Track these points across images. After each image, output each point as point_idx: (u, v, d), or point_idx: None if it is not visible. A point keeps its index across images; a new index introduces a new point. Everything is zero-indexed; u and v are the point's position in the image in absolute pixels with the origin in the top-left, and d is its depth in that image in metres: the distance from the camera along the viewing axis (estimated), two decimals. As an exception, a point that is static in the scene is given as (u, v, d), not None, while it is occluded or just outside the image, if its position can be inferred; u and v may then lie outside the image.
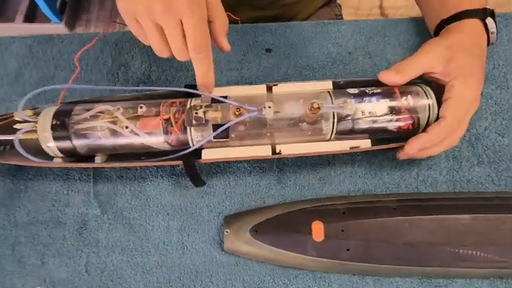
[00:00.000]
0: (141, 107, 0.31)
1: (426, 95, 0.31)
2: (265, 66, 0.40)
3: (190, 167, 0.32)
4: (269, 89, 0.34)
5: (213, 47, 0.30)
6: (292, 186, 0.35)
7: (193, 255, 0.32)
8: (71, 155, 0.33)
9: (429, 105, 0.31)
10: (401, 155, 0.32)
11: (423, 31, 0.41)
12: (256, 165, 0.36)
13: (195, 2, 0.25)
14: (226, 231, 0.31)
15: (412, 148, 0.31)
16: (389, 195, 0.33)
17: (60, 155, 0.32)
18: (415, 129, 0.32)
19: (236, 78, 0.40)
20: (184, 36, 0.27)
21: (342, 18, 0.57)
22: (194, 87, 0.32)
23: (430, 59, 0.32)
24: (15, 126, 0.31)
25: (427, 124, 0.32)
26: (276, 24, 0.42)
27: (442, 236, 0.29)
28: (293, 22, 0.43)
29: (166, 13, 0.25)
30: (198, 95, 0.32)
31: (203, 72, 0.30)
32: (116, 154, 0.33)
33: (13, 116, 0.32)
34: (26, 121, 0.31)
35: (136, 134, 0.31)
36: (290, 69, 0.40)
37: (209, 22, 0.29)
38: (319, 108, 0.30)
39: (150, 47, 0.29)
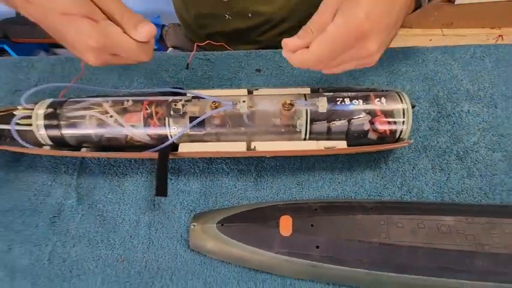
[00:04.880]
0: (127, 101, 0.34)
1: (402, 99, 0.32)
2: (254, 83, 0.43)
3: (163, 161, 0.32)
4: (250, 92, 0.36)
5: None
6: (269, 189, 0.34)
7: (158, 251, 0.31)
8: (60, 144, 0.35)
9: (405, 109, 0.31)
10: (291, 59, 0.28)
11: (402, 59, 0.44)
12: (235, 167, 0.36)
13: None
14: (193, 225, 0.30)
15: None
16: (368, 200, 0.31)
17: (50, 143, 0.34)
18: (393, 134, 0.32)
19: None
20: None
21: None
22: (179, 89, 0.35)
23: None
24: (14, 113, 0.34)
25: (403, 132, 0.32)
26: (266, 50, 0.47)
27: (419, 235, 0.26)
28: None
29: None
30: (183, 93, 0.34)
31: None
32: (102, 146, 0.35)
33: (15, 109, 0.35)
34: (24, 109, 0.34)
35: (121, 125, 0.33)
36: (277, 86, 0.43)
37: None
38: (292, 105, 0.31)
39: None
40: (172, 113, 0.32)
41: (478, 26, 1.12)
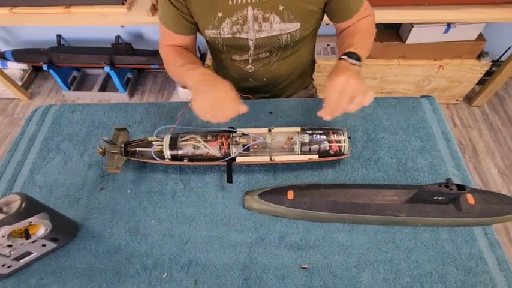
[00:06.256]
0: (208, 136, 0.67)
1: (343, 134, 0.66)
2: (269, 120, 0.77)
3: (229, 166, 0.65)
4: (269, 130, 0.69)
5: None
6: (281, 179, 0.68)
7: (229, 210, 0.64)
8: (173, 158, 0.67)
9: (345, 139, 0.65)
10: (324, 115, 0.61)
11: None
12: (262, 168, 0.69)
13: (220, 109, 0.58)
14: (246, 197, 0.64)
15: (325, 112, 0.60)
16: (328, 183, 0.65)
17: (169, 157, 0.67)
18: (340, 151, 0.66)
19: (253, 126, 0.76)
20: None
21: (313, 97, 0.96)
22: (233, 128, 0.68)
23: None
24: (153, 143, 0.66)
25: (345, 150, 0.66)
26: (274, 99, 0.80)
27: (348, 197, 0.60)
28: (284, 99, 0.81)
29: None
30: (235, 131, 0.68)
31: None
32: (193, 159, 0.68)
33: (147, 139, 0.68)
34: (156, 140, 0.67)
35: (206, 148, 0.66)
36: (282, 122, 0.76)
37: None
38: (292, 138, 0.65)
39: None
40: (233, 142, 0.65)
41: (425, 58, 1.49)
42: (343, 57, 0.63)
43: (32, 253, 0.57)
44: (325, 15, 0.75)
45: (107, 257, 0.59)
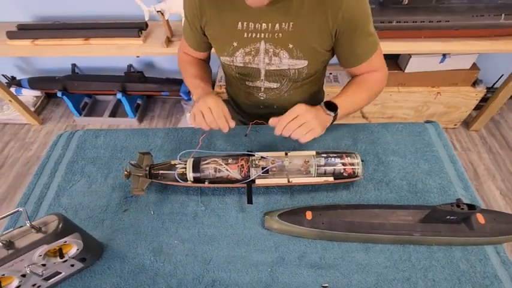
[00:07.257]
0: (229, 159, 0.71)
1: (357, 157, 0.70)
2: (283, 144, 0.81)
3: (249, 188, 0.69)
4: (286, 154, 0.73)
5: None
6: (298, 200, 0.71)
7: (249, 230, 0.67)
8: (195, 180, 0.71)
9: (358, 162, 0.69)
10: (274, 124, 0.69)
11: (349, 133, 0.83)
12: (280, 190, 0.73)
13: (213, 107, 0.69)
14: (266, 217, 0.67)
15: (278, 127, 0.67)
16: (343, 204, 0.69)
17: (192, 180, 0.70)
18: (354, 173, 0.70)
19: (270, 149, 0.80)
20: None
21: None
22: (251, 152, 0.72)
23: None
24: (176, 166, 0.70)
25: (358, 172, 0.69)
26: (289, 125, 0.85)
27: (364, 217, 0.63)
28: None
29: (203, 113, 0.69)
30: (253, 155, 0.72)
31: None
32: (214, 181, 0.71)
33: (170, 162, 0.72)
34: (179, 163, 0.70)
35: (227, 170, 0.69)
36: (296, 146, 0.81)
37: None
38: (308, 161, 0.69)
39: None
40: (253, 165, 0.69)
41: (423, 85, 1.57)
42: (322, 103, 0.73)
43: (60, 273, 0.58)
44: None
45: (132, 277, 0.61)
